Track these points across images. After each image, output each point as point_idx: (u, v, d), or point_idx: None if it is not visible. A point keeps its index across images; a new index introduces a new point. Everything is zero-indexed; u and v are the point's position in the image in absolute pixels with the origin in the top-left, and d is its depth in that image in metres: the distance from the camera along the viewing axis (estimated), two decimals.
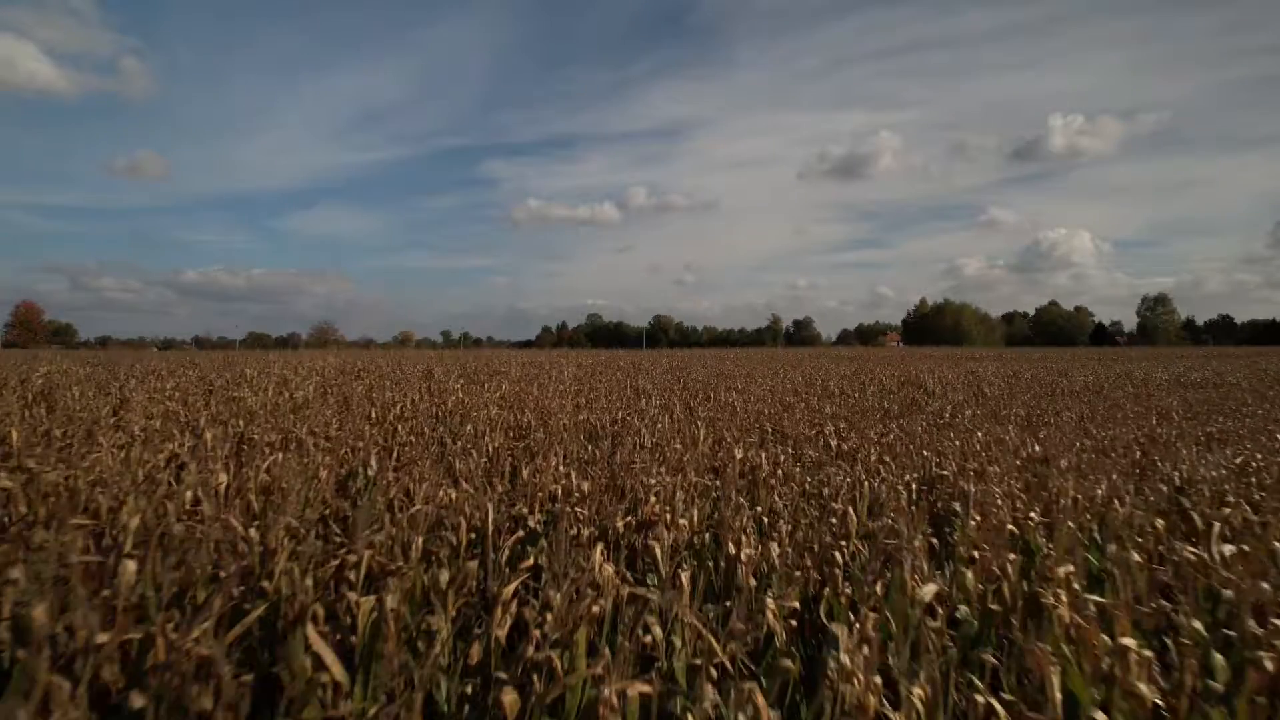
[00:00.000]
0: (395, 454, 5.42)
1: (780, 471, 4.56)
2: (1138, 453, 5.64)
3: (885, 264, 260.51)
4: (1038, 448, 5.54)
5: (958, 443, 5.74)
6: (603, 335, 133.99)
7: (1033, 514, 3.50)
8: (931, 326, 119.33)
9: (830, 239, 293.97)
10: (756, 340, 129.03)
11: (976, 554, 2.94)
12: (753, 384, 13.25)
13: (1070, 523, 3.25)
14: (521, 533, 3.26)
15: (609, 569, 2.56)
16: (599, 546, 2.80)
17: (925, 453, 5.39)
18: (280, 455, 4.27)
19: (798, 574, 2.89)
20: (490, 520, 3.18)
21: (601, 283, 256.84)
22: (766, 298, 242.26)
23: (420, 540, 2.84)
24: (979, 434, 6.36)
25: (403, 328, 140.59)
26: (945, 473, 4.67)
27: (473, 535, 3.24)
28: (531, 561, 2.88)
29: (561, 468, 4.70)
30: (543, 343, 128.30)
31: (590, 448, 5.68)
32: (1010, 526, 3.32)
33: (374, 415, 7.33)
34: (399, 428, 6.32)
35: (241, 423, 6.28)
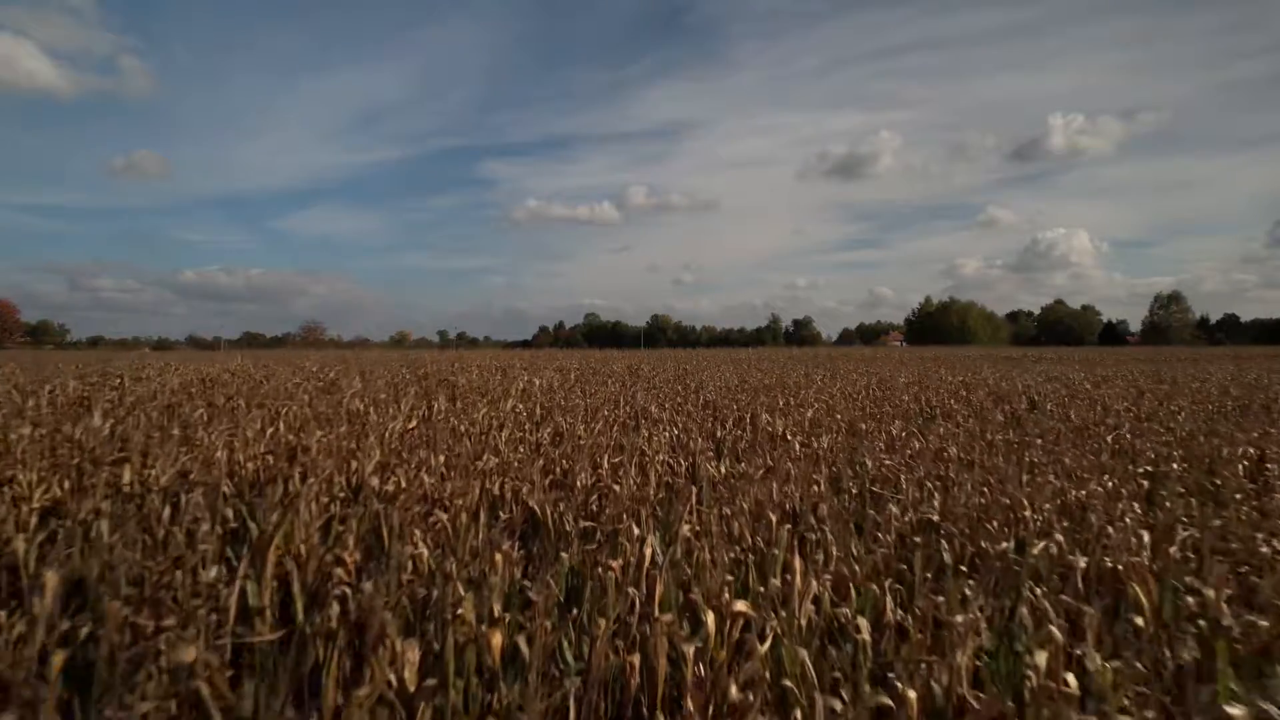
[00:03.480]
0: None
1: None
2: None
3: (884, 264, 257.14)
4: None
5: None
6: (600, 335, 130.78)
7: None
8: (938, 326, 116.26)
9: (829, 239, 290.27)
10: (756, 340, 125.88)
11: None
12: (789, 395, 9.73)
13: None
14: None
15: None
16: None
17: None
18: None
19: None
20: None
21: (600, 282, 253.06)
22: (765, 297, 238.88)
23: None
24: None
25: (401, 328, 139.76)
26: None
27: None
28: None
29: None
30: (539, 342, 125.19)
31: (510, 614, 2.11)
32: None
33: (130, 482, 3.76)
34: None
35: None
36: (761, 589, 2.63)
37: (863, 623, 2.35)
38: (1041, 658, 1.96)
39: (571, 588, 2.90)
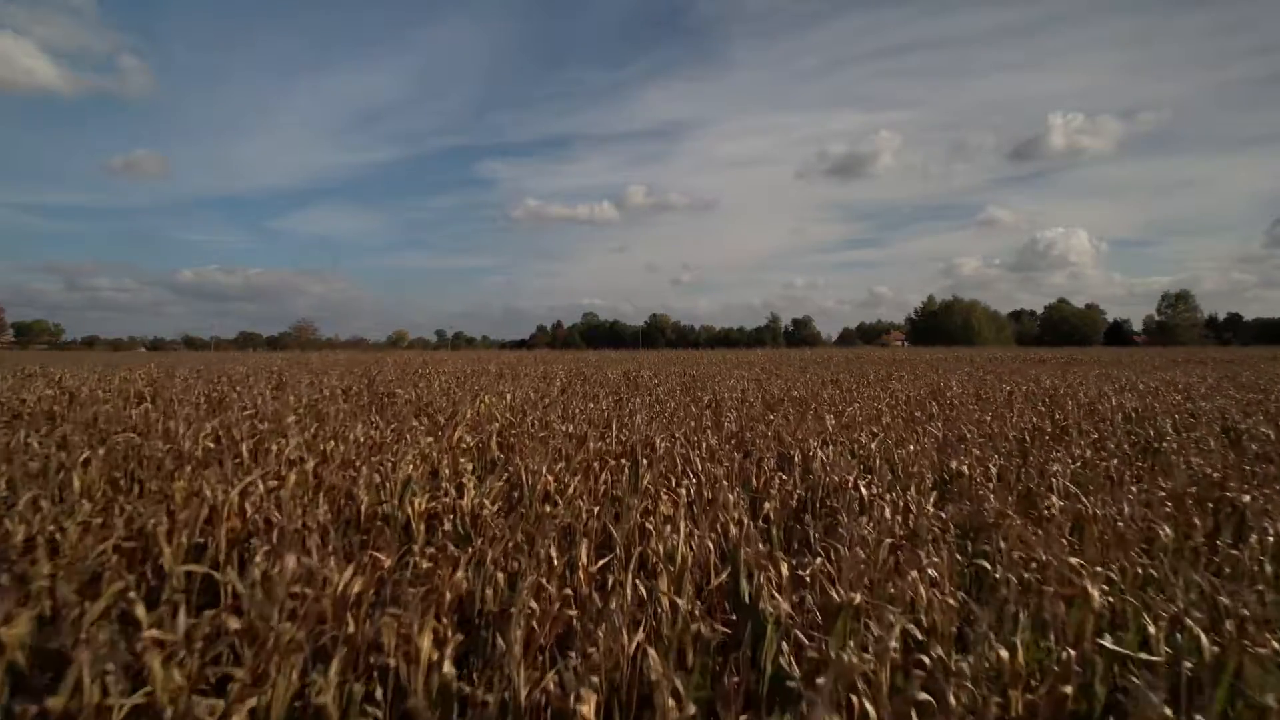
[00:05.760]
0: None
1: None
2: None
3: (882, 263, 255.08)
4: None
5: None
6: (599, 334, 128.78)
7: None
8: (941, 325, 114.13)
9: (828, 238, 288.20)
10: (756, 340, 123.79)
11: None
12: (828, 410, 7.55)
13: None
14: None
15: None
16: None
17: None
18: None
19: None
20: None
21: (599, 282, 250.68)
22: (764, 297, 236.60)
23: None
24: None
25: (400, 327, 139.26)
26: None
27: None
28: None
29: None
30: (536, 342, 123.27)
31: None
32: None
33: None
34: None
35: None
36: None
37: None
38: None
39: None
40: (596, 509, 3.66)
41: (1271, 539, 3.46)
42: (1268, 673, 2.29)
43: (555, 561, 2.99)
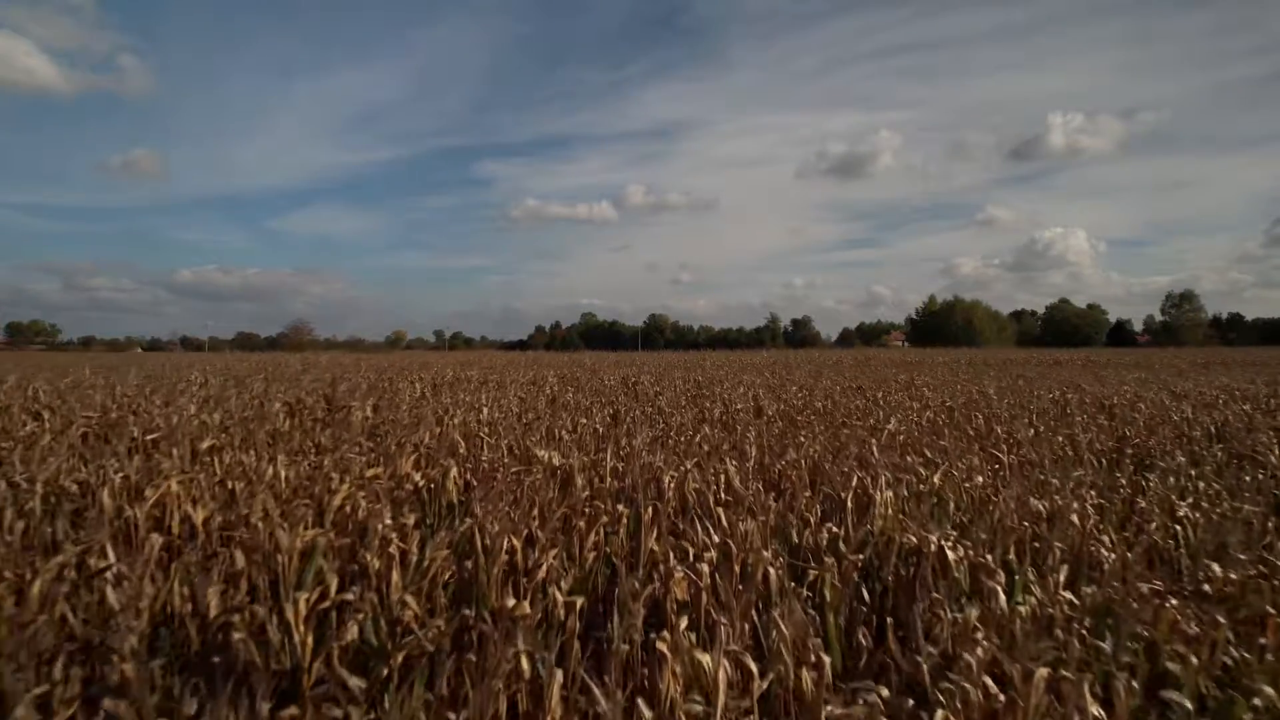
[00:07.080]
0: None
1: None
2: None
3: (881, 263, 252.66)
4: None
5: None
6: (598, 335, 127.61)
7: None
8: (944, 326, 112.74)
9: (827, 238, 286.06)
10: (756, 340, 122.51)
11: None
12: (858, 422, 6.32)
13: None
14: None
15: None
16: None
17: None
18: None
19: None
20: None
21: (598, 282, 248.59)
22: (763, 297, 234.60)
23: None
24: None
25: (399, 327, 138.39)
26: None
27: None
28: None
29: None
30: (535, 343, 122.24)
31: None
32: None
33: None
34: None
35: None
36: None
37: None
38: None
39: None
40: (581, 600, 2.47)
41: None
42: None
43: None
